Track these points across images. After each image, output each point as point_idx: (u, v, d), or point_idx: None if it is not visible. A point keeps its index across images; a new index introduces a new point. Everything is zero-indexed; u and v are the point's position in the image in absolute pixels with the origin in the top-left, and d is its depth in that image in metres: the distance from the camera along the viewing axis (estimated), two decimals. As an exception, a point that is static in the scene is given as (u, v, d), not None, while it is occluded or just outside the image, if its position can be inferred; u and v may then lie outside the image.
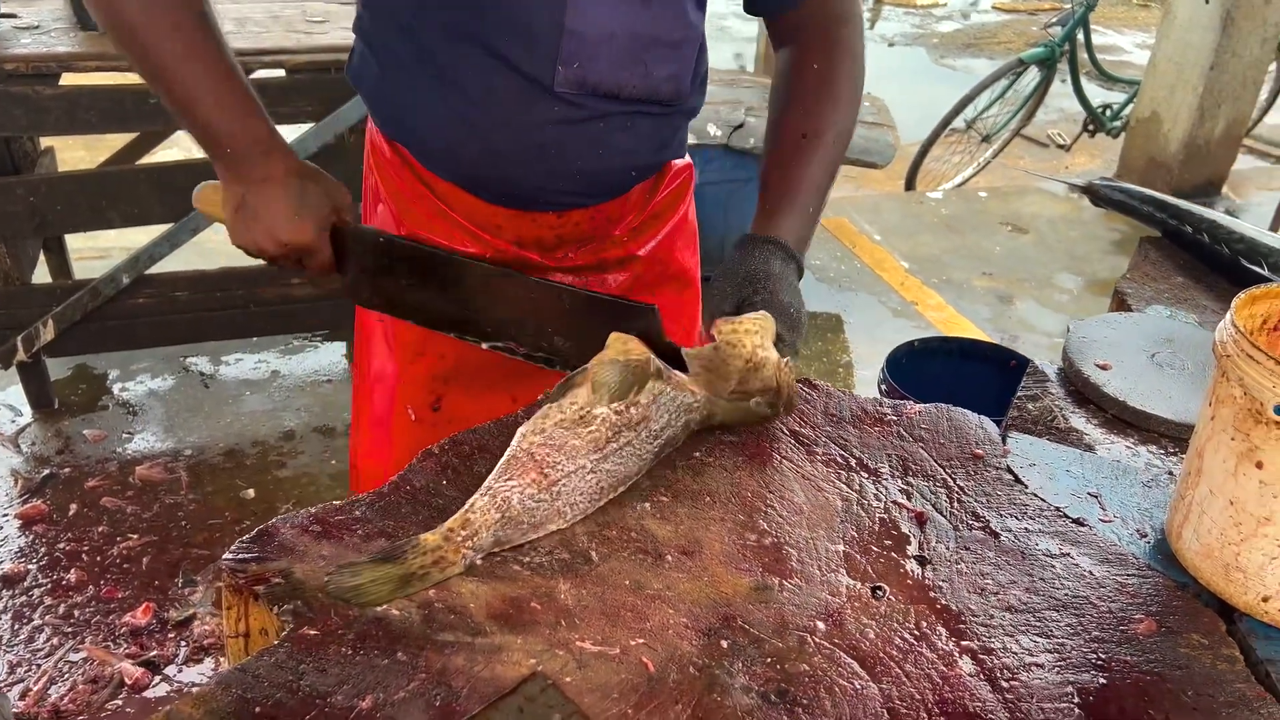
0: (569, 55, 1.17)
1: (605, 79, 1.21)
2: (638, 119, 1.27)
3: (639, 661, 0.85)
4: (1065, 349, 1.41)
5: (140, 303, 2.84)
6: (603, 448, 1.02)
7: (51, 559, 2.42)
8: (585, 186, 1.31)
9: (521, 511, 0.96)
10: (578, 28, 1.16)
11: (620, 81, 1.22)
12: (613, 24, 1.18)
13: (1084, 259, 4.43)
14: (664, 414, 1.07)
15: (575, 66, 1.18)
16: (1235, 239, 1.63)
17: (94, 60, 2.52)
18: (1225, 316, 0.97)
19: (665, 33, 1.23)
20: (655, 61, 1.24)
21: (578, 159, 1.27)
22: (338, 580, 0.89)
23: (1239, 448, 0.94)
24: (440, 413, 1.39)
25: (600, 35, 1.18)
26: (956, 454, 1.15)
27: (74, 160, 3.91)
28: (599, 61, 1.19)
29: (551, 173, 1.27)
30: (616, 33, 1.18)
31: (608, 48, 1.19)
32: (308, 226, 1.18)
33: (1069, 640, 0.91)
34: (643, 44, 1.21)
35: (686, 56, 1.28)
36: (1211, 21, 4.59)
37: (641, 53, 1.22)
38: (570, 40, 1.17)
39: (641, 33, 1.21)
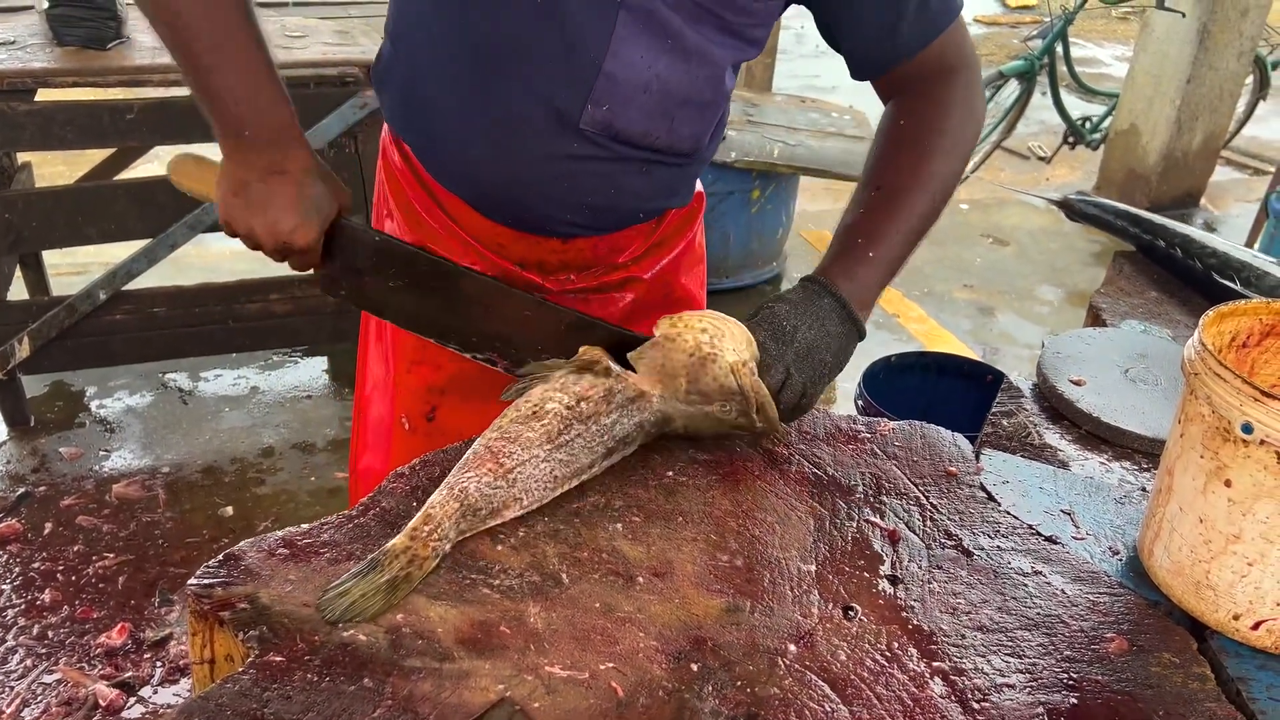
0: (599, 96, 1.16)
1: (631, 126, 1.20)
2: (655, 167, 1.27)
3: (608, 686, 0.84)
4: (1039, 364, 1.41)
5: (118, 319, 2.82)
6: (555, 439, 1.04)
7: (26, 579, 2.39)
8: (592, 220, 1.30)
9: (479, 499, 0.98)
10: (614, 71, 1.15)
11: (645, 131, 1.21)
12: (650, 74, 1.16)
13: (1064, 271, 4.45)
14: (614, 410, 1.07)
15: (605, 109, 1.17)
16: (1208, 254, 1.64)
17: (70, 76, 2.51)
18: (1194, 334, 0.97)
19: (698, 94, 1.22)
20: (683, 119, 1.23)
21: (589, 194, 1.25)
22: (330, 604, 0.89)
23: (1208, 466, 0.94)
24: (434, 423, 1.39)
25: (636, 82, 1.16)
26: (930, 471, 1.15)
27: (54, 175, 3.89)
28: (629, 109, 1.18)
29: (562, 204, 1.26)
30: (652, 84, 1.17)
31: (640, 98, 1.18)
32: (312, 228, 1.14)
33: (1040, 660, 0.91)
34: (675, 101, 1.20)
35: (713, 117, 1.28)
36: (1188, 35, 4.63)
37: (673, 109, 1.21)
38: (604, 82, 1.15)
39: (675, 91, 1.19)
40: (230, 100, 1.12)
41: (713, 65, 1.21)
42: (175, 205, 2.70)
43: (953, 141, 1.22)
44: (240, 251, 4.04)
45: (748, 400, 1.09)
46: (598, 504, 1.05)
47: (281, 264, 1.22)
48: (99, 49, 2.57)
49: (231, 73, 1.11)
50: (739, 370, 1.08)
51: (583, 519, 1.03)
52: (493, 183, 1.26)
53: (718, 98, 1.26)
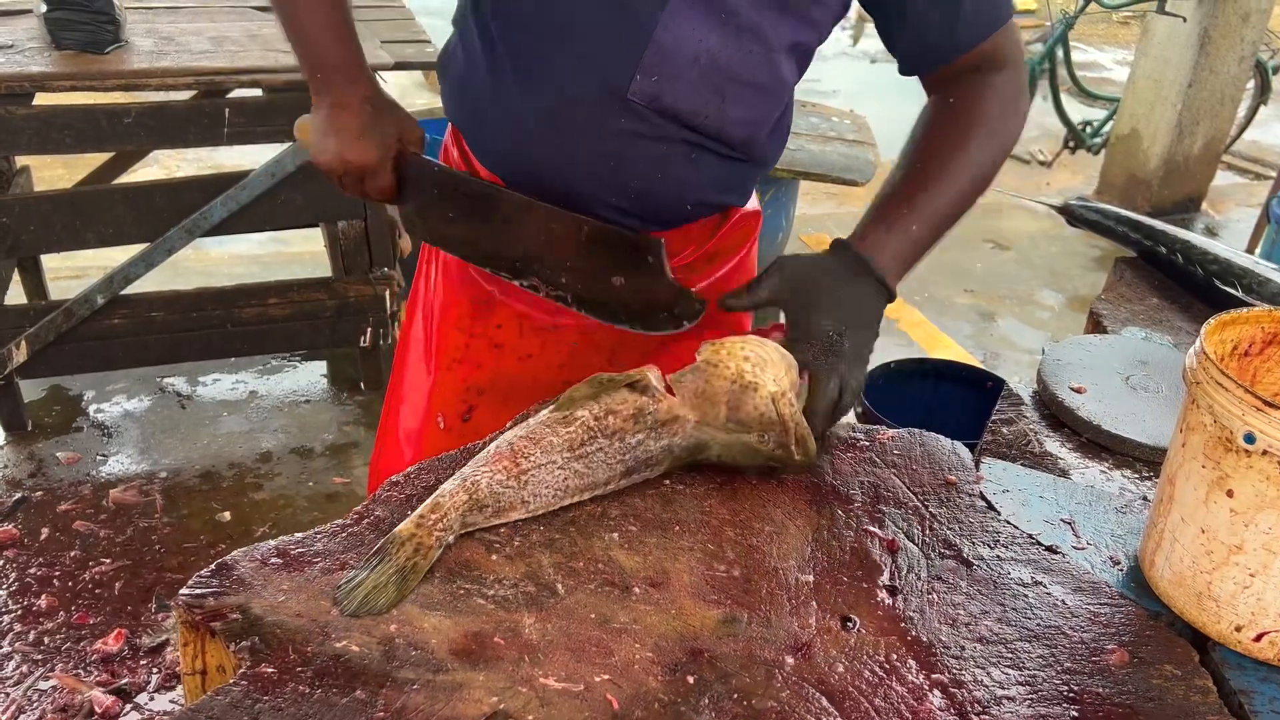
0: (649, 66, 1.16)
1: (680, 101, 1.19)
2: (703, 154, 1.25)
3: (603, 698, 0.83)
4: (1039, 371, 1.40)
5: (116, 323, 2.81)
6: (575, 449, 1.03)
7: (22, 584, 2.38)
8: (639, 208, 1.28)
9: (488, 495, 0.99)
10: (665, 41, 1.15)
11: (694, 107, 1.20)
12: (700, 47, 1.16)
13: (1065, 275, 4.44)
14: (641, 431, 1.06)
15: (654, 80, 1.17)
16: (1209, 260, 1.63)
17: (68, 80, 2.50)
18: (1195, 343, 0.96)
19: (750, 73, 1.20)
20: (733, 99, 1.21)
21: (636, 178, 1.24)
22: (345, 599, 0.90)
23: (1210, 476, 0.93)
24: (469, 423, 1.40)
25: (685, 54, 1.16)
26: (929, 480, 1.14)
27: (53, 178, 3.89)
28: (678, 82, 1.18)
29: (607, 185, 1.25)
30: (701, 57, 1.17)
31: (690, 69, 1.17)
32: (371, 148, 1.22)
33: (1041, 672, 0.90)
34: (725, 76, 1.19)
35: (767, 106, 1.26)
36: (1189, 39, 4.62)
37: (722, 84, 1.19)
38: (654, 51, 1.15)
39: (725, 65, 1.18)
40: (303, 47, 1.28)
41: (766, 44, 1.19)
42: (173, 209, 2.70)
43: (993, 130, 1.23)
44: (238, 256, 4.05)
45: (787, 432, 1.07)
46: (594, 513, 1.04)
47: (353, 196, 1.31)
48: (97, 53, 2.56)
49: (304, 24, 1.25)
50: (779, 400, 1.07)
51: (579, 528, 1.02)
52: (542, 162, 1.26)
53: (773, 83, 1.23)
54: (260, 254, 3.99)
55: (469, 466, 1.02)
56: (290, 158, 2.69)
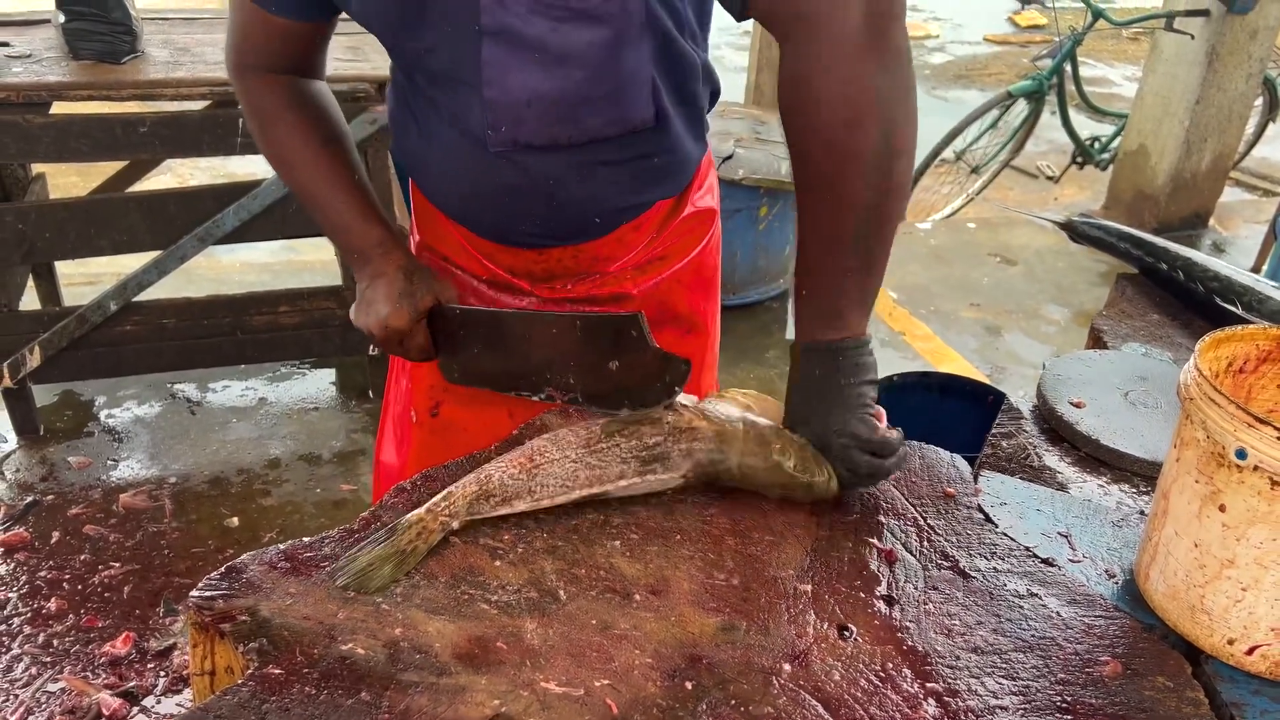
0: (495, 121, 1.19)
1: (537, 136, 1.21)
2: (590, 168, 1.26)
3: (603, 703, 0.85)
4: (1039, 386, 1.42)
5: (128, 330, 2.84)
6: (591, 445, 1.07)
7: (32, 587, 2.41)
8: (550, 229, 1.32)
9: (497, 487, 1.04)
10: (494, 97, 1.18)
11: (555, 137, 1.21)
12: (527, 92, 1.17)
13: (1071, 291, 4.45)
14: (659, 433, 1.09)
15: (503, 130, 1.20)
16: (1210, 277, 1.65)
17: (85, 89, 2.54)
18: (1190, 359, 0.98)
19: (591, 90, 1.18)
20: (588, 113, 1.20)
21: (534, 206, 1.28)
22: (342, 572, 0.95)
23: (1203, 490, 0.94)
24: (437, 419, 1.46)
25: (518, 102, 1.18)
26: (928, 492, 1.15)
27: (67, 186, 3.93)
28: (525, 124, 1.20)
29: (512, 216, 1.30)
30: (534, 100, 1.18)
31: (529, 111, 1.19)
32: (405, 313, 1.29)
33: (1034, 682, 0.92)
34: (569, 104, 1.19)
35: (632, 96, 1.20)
36: (1197, 56, 4.63)
37: (569, 111, 1.19)
38: (492, 109, 1.18)
39: (564, 96, 1.18)
40: (334, 234, 1.38)
41: (585, 65, 1.15)
42: (186, 218, 2.73)
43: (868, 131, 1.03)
44: (249, 264, 4.08)
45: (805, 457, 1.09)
46: (596, 521, 1.06)
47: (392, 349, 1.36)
48: (114, 63, 2.60)
49: (330, 213, 1.33)
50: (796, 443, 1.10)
51: (581, 536, 1.04)
52: (451, 199, 1.34)
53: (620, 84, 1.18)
54: (271, 262, 4.02)
55: (490, 464, 1.07)
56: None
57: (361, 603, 0.92)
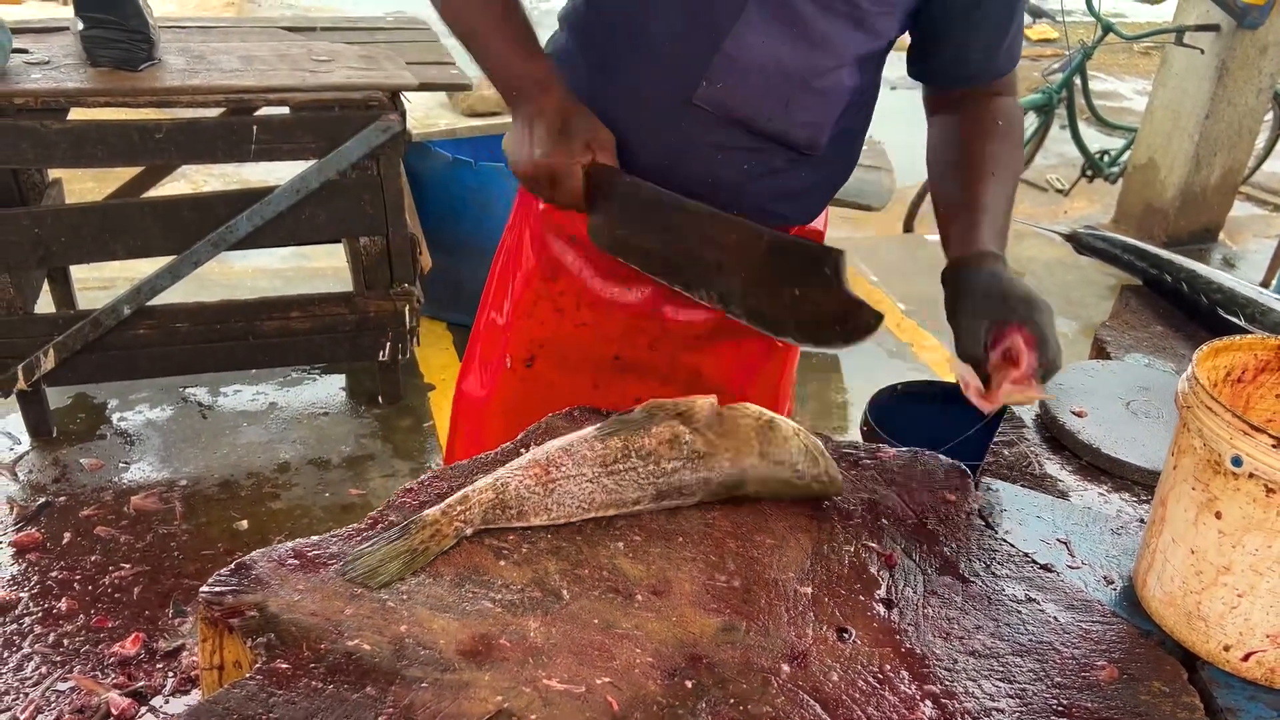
0: (716, 74, 1.22)
1: (743, 106, 1.24)
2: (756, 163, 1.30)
3: (604, 700, 0.86)
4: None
5: (141, 334, 2.87)
6: (608, 465, 1.07)
7: (44, 587, 2.43)
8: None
9: (514, 498, 1.04)
10: (733, 52, 1.21)
11: (757, 113, 1.25)
12: (767, 56, 1.21)
13: (1080, 304, 4.45)
14: (677, 459, 1.09)
15: (719, 86, 1.23)
16: (1213, 289, 1.66)
17: (102, 96, 2.57)
18: (1188, 368, 0.99)
19: (816, 79, 1.25)
20: (799, 106, 1.26)
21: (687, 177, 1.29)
22: (351, 565, 0.97)
23: (1199, 498, 0.95)
24: (531, 370, 1.51)
25: (754, 63, 1.22)
26: (928, 498, 1.17)
27: (83, 191, 3.97)
28: (743, 88, 1.23)
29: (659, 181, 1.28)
30: (769, 66, 1.22)
31: (757, 76, 1.23)
32: (560, 151, 1.24)
33: (1031, 686, 0.93)
34: (793, 85, 1.24)
35: (830, 109, 1.29)
36: (1207, 70, 4.64)
37: (788, 92, 1.24)
38: (721, 60, 1.21)
39: (794, 74, 1.23)
40: (495, 70, 1.32)
41: (836, 56, 1.24)
42: (199, 223, 2.76)
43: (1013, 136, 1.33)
44: (261, 269, 4.11)
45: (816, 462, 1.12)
46: (600, 522, 1.07)
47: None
48: (131, 70, 2.63)
49: (492, 50, 1.30)
50: (802, 432, 1.13)
51: (585, 537, 1.05)
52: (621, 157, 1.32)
53: (837, 89, 1.28)
54: (283, 268, 4.06)
55: (504, 468, 1.07)
56: (315, 174, 2.75)
57: (368, 600, 0.94)
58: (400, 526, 1.01)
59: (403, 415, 3.24)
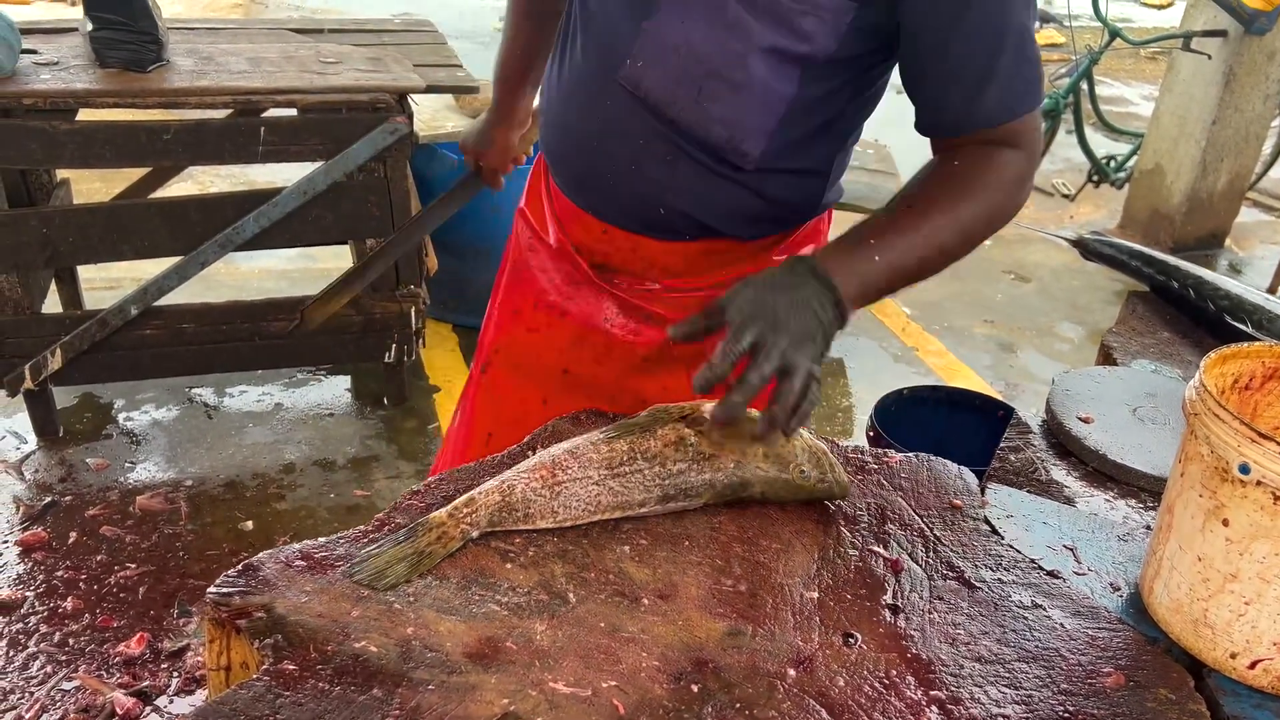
0: (639, 52, 1.25)
1: (657, 87, 1.26)
2: (681, 158, 1.28)
3: (610, 704, 0.86)
4: (1048, 401, 1.43)
5: (147, 334, 2.88)
6: (614, 467, 1.07)
7: (49, 586, 2.44)
8: (616, 197, 1.36)
9: (520, 500, 1.04)
10: (652, 30, 1.24)
11: (671, 96, 1.25)
12: (681, 37, 1.23)
13: (1086, 309, 4.45)
14: (683, 460, 1.09)
15: (640, 65, 1.26)
16: (1220, 295, 1.65)
17: (111, 97, 2.58)
18: (1195, 375, 0.99)
19: (726, 70, 1.22)
20: (709, 94, 1.24)
21: (614, 159, 1.32)
22: (358, 566, 0.97)
23: (1206, 505, 0.95)
24: (485, 375, 1.55)
25: (668, 44, 1.23)
26: (935, 504, 1.17)
27: (90, 191, 3.98)
28: (657, 68, 1.25)
29: (592, 162, 1.36)
30: (681, 47, 1.23)
31: (670, 57, 1.24)
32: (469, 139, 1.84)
33: (1037, 692, 0.93)
34: (702, 70, 1.23)
35: (750, 111, 1.23)
36: (1214, 76, 4.64)
37: (699, 79, 1.24)
38: (643, 38, 1.25)
39: (703, 58, 1.23)
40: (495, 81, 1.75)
41: (746, 42, 1.19)
42: (206, 224, 2.77)
43: (990, 200, 1.18)
44: (268, 270, 4.12)
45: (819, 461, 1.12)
46: (606, 525, 1.07)
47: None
48: (139, 71, 2.64)
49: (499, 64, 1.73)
50: (804, 433, 1.14)
51: (591, 540, 1.05)
52: (552, 127, 1.41)
53: (749, 82, 1.21)
54: (289, 269, 4.06)
55: (510, 471, 1.08)
56: (321, 176, 2.75)
57: (375, 602, 0.94)
58: (407, 529, 1.01)
59: (408, 417, 3.24)
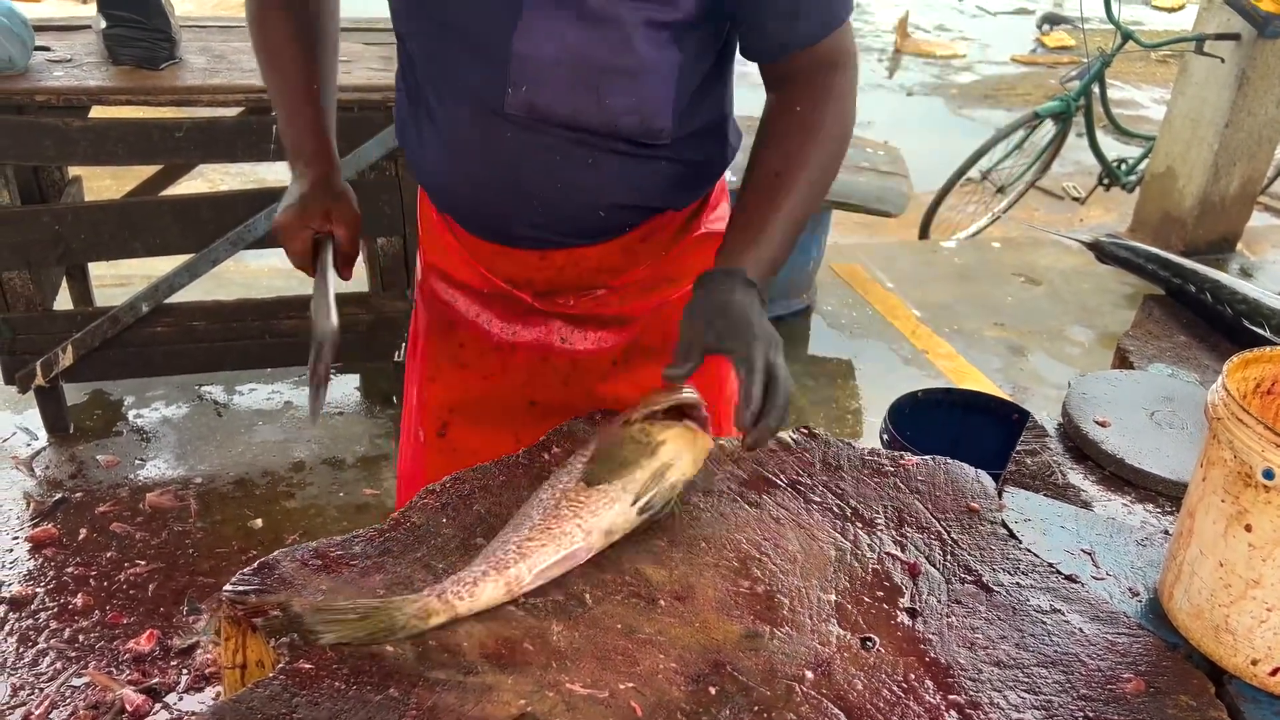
0: (518, 78, 1.18)
1: (555, 104, 1.20)
2: (602, 155, 1.25)
3: (627, 705, 0.86)
4: (1065, 405, 1.42)
5: (158, 331, 2.88)
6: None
7: (59, 583, 2.44)
8: (553, 222, 1.29)
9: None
10: (525, 50, 1.16)
11: (573, 108, 1.21)
12: (559, 47, 1.16)
13: (1096, 312, 4.43)
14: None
15: (524, 90, 1.18)
16: (1238, 300, 1.65)
17: (123, 94, 2.58)
18: (1218, 379, 0.98)
19: (615, 59, 1.18)
20: (610, 91, 1.20)
21: (538, 190, 1.26)
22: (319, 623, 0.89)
23: (1229, 510, 0.94)
24: (445, 439, 1.44)
25: (547, 58, 1.17)
26: (952, 507, 1.16)
27: (101, 189, 3.99)
28: (547, 86, 1.18)
29: (514, 203, 1.28)
30: (562, 57, 1.18)
31: (555, 71, 1.18)
32: (295, 215, 1.33)
33: (1056, 697, 0.92)
34: (595, 70, 1.18)
35: (651, 90, 1.22)
36: (1227, 80, 4.61)
37: (594, 79, 1.19)
38: (517, 63, 1.17)
39: (589, 58, 1.18)
40: (284, 135, 1.38)
41: (620, 26, 1.16)
42: (218, 222, 2.77)
43: (839, 129, 1.26)
44: (278, 269, 4.11)
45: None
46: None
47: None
48: (152, 69, 2.64)
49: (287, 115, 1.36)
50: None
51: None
52: (455, 190, 1.32)
53: (639, 63, 1.19)
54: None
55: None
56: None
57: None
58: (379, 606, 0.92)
59: (417, 416, 3.24)
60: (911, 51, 9.28)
